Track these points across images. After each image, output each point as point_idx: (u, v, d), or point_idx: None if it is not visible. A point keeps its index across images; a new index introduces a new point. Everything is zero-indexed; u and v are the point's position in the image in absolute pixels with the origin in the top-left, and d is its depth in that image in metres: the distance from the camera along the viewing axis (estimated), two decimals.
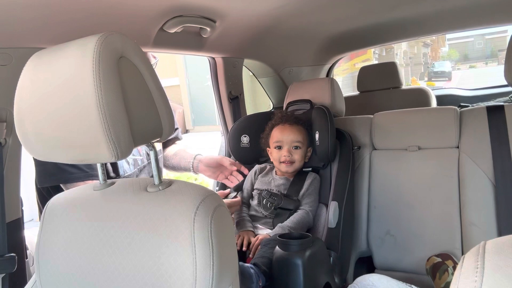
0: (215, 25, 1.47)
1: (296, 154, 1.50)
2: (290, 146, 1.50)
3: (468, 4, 1.87)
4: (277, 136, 1.52)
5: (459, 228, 1.55)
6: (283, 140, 1.50)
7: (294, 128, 1.51)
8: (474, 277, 0.38)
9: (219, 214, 0.68)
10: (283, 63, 2.34)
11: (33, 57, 0.71)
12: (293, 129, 1.51)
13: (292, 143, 1.50)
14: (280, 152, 1.50)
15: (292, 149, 1.50)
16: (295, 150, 1.50)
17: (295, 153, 1.50)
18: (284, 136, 1.50)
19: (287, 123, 1.53)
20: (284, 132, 1.51)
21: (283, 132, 1.51)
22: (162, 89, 0.74)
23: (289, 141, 1.50)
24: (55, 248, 0.78)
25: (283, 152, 1.49)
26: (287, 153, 1.49)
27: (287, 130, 1.51)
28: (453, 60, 33.10)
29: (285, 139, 1.50)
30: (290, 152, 1.49)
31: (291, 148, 1.50)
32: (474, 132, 1.58)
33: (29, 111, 0.69)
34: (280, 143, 1.50)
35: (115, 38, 0.66)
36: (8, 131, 1.07)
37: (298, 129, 1.52)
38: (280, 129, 1.53)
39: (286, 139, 1.50)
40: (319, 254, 1.23)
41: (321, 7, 1.67)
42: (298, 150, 1.50)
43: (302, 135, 1.52)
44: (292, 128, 1.51)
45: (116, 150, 0.63)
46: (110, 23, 1.15)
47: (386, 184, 1.71)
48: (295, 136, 1.50)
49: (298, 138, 1.50)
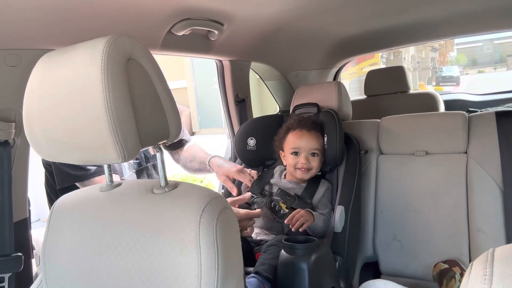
0: (222, 28, 1.47)
1: (314, 161, 1.46)
2: (308, 153, 1.46)
3: (478, 8, 1.86)
4: (294, 142, 1.47)
5: (466, 235, 1.53)
6: (301, 147, 1.46)
7: (312, 135, 1.47)
8: (482, 285, 0.38)
9: (225, 217, 0.68)
10: (290, 66, 2.34)
11: (43, 58, 0.72)
12: (311, 136, 1.47)
13: (310, 150, 1.46)
14: (297, 158, 1.46)
15: (310, 156, 1.46)
16: (312, 157, 1.46)
17: (313, 160, 1.46)
18: (302, 143, 1.46)
19: (304, 129, 1.48)
20: (302, 138, 1.47)
21: (301, 138, 1.47)
22: (169, 91, 0.74)
23: (307, 148, 1.45)
24: (61, 248, 0.78)
25: (300, 159, 1.45)
26: (305, 160, 1.45)
27: (305, 136, 1.47)
28: (462, 65, 32.88)
29: (303, 146, 1.45)
30: (308, 159, 1.45)
31: (309, 155, 1.46)
32: (482, 138, 1.57)
33: (38, 112, 0.70)
34: (297, 149, 1.46)
35: (124, 40, 0.67)
36: (16, 132, 1.08)
37: (316, 136, 1.48)
38: (298, 134, 1.48)
39: (304, 146, 1.45)
40: (325, 258, 1.22)
41: (329, 11, 1.67)
42: (316, 157, 1.46)
43: (320, 142, 1.48)
44: (311, 135, 1.47)
45: (123, 151, 0.64)
46: (119, 26, 1.16)
47: (393, 189, 1.70)
48: (314, 143, 1.46)
49: (316, 145, 1.46)
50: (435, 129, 1.67)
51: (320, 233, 1.40)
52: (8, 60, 0.98)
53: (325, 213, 1.45)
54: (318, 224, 1.38)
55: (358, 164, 1.58)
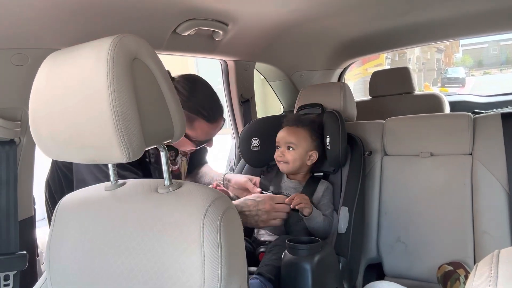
0: (227, 28, 1.47)
1: (289, 154, 1.50)
2: (284, 147, 1.51)
3: (484, 9, 1.85)
4: (277, 136, 1.55)
5: (471, 236, 1.52)
6: (279, 141, 1.53)
7: (291, 130, 1.53)
8: (487, 287, 0.37)
9: (229, 217, 0.68)
10: (295, 67, 2.34)
11: (49, 58, 0.72)
12: (289, 130, 1.53)
13: (285, 144, 1.51)
14: (277, 151, 1.54)
15: (286, 149, 1.51)
16: (288, 150, 1.50)
17: (288, 153, 1.50)
18: (280, 137, 1.53)
19: (288, 125, 1.55)
20: (282, 132, 1.54)
21: (281, 133, 1.54)
22: (174, 91, 0.74)
23: (283, 141, 1.52)
24: (65, 247, 0.79)
25: (278, 151, 1.53)
26: (280, 153, 1.51)
27: (284, 131, 1.54)
28: (467, 66, 32.70)
29: (280, 140, 1.53)
30: (283, 152, 1.51)
31: (285, 148, 1.51)
32: (488, 139, 1.56)
33: (44, 111, 0.70)
34: (278, 144, 1.54)
35: (129, 40, 0.67)
36: (22, 130, 1.09)
37: (295, 131, 1.52)
38: (281, 130, 1.56)
39: (281, 140, 1.52)
40: (328, 259, 1.22)
41: (334, 12, 1.66)
42: (291, 151, 1.50)
43: (296, 136, 1.51)
44: (289, 130, 1.53)
45: (128, 151, 0.64)
46: (124, 26, 1.16)
47: (397, 190, 1.69)
48: (289, 137, 1.51)
49: (291, 139, 1.50)
50: (440, 130, 1.66)
51: (321, 232, 1.40)
52: (15, 60, 0.99)
53: (327, 213, 1.45)
54: (318, 219, 1.38)
55: (362, 165, 1.58)
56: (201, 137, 1.30)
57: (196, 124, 1.27)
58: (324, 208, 1.46)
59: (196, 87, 1.28)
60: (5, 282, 1.06)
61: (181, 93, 1.22)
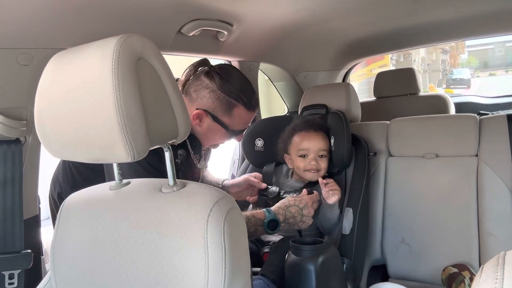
0: (232, 28, 1.47)
1: (323, 162, 1.44)
2: (316, 155, 1.44)
3: (489, 10, 1.84)
4: (302, 143, 1.45)
5: (476, 238, 1.51)
6: (309, 148, 1.43)
7: (320, 136, 1.45)
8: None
9: (233, 217, 0.68)
10: (299, 67, 2.33)
11: (54, 57, 0.73)
12: (319, 137, 1.45)
13: (318, 152, 1.44)
14: (305, 160, 1.44)
15: (318, 157, 1.44)
16: (321, 158, 1.44)
17: (322, 161, 1.44)
18: (310, 144, 1.44)
19: (311, 129, 1.47)
20: (310, 139, 1.44)
21: (310, 140, 1.44)
22: (178, 91, 0.74)
23: (315, 149, 1.43)
24: (69, 246, 0.79)
25: (309, 160, 1.43)
26: (314, 161, 1.43)
27: (313, 137, 1.44)
28: (473, 68, 32.50)
29: (311, 147, 1.43)
30: (317, 160, 1.43)
31: (317, 156, 1.44)
32: (494, 141, 1.55)
33: (49, 111, 0.70)
34: (306, 152, 1.44)
35: (134, 40, 0.67)
36: (28, 130, 1.09)
37: (323, 137, 1.46)
38: (305, 136, 1.46)
39: (312, 147, 1.43)
40: (332, 260, 1.21)
41: (340, 13, 1.66)
42: (324, 158, 1.45)
43: (327, 143, 1.46)
44: (318, 135, 1.45)
45: (132, 151, 0.64)
46: (129, 26, 1.17)
47: (402, 192, 1.69)
48: (322, 144, 1.44)
49: (324, 146, 1.45)
50: (446, 131, 1.65)
51: (329, 227, 1.39)
52: (21, 59, 1.00)
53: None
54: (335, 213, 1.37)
55: (367, 166, 1.57)
56: (237, 125, 1.25)
57: (235, 110, 1.22)
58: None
59: (236, 74, 1.25)
60: (10, 280, 1.07)
61: (222, 78, 1.19)
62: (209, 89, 1.19)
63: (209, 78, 1.20)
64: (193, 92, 1.21)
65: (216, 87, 1.19)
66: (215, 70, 1.21)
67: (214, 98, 1.19)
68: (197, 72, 1.23)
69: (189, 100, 1.21)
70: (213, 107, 1.20)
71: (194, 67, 1.24)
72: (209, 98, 1.19)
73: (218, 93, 1.19)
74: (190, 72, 1.23)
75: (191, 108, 1.20)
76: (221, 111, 1.21)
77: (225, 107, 1.20)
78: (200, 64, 1.24)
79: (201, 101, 1.20)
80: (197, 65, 1.24)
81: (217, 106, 1.20)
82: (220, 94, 1.19)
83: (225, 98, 1.19)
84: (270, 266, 1.18)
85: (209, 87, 1.19)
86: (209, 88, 1.19)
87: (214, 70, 1.21)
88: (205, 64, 1.24)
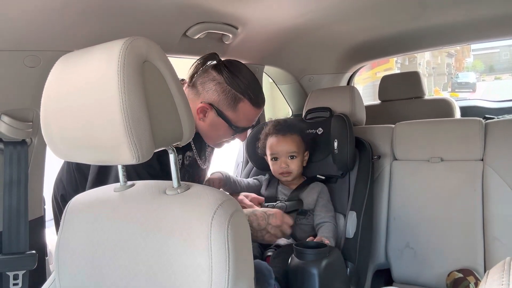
0: (237, 31, 1.48)
1: (293, 163, 1.48)
2: (286, 157, 1.48)
3: (495, 14, 1.83)
4: (271, 147, 1.51)
5: (482, 243, 1.50)
6: (278, 152, 1.49)
7: (287, 139, 1.49)
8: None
9: (236, 219, 0.68)
10: (304, 70, 2.33)
11: (61, 60, 0.73)
12: (286, 140, 1.49)
13: (287, 154, 1.48)
14: (276, 163, 1.50)
15: (289, 159, 1.48)
16: (291, 160, 1.48)
17: (291, 163, 1.48)
18: (278, 148, 1.49)
19: (280, 134, 1.51)
20: (278, 143, 1.49)
21: (277, 143, 1.49)
22: (183, 94, 0.74)
23: (284, 152, 1.48)
24: (74, 247, 0.79)
25: (279, 163, 1.49)
26: (284, 164, 1.48)
27: (280, 141, 1.49)
28: (478, 71, 32.34)
29: (279, 150, 1.49)
30: (287, 163, 1.48)
31: (287, 158, 1.48)
32: (499, 145, 1.54)
33: (55, 112, 0.71)
34: (276, 155, 1.50)
35: (140, 42, 0.68)
36: (34, 131, 1.10)
37: (292, 139, 1.49)
38: (275, 140, 1.51)
39: (281, 151, 1.48)
40: (336, 264, 1.21)
41: (345, 17, 1.66)
42: (294, 159, 1.48)
43: (296, 144, 1.49)
44: (286, 139, 1.49)
45: (137, 153, 0.64)
46: (135, 29, 1.17)
47: (406, 195, 1.68)
48: (289, 146, 1.48)
49: (293, 148, 1.48)
50: (451, 135, 1.64)
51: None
52: (27, 61, 1.01)
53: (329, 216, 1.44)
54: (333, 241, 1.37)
55: (371, 170, 1.57)
56: (241, 121, 1.23)
57: (241, 106, 1.20)
58: (325, 210, 1.45)
59: (245, 70, 1.23)
60: (14, 281, 1.07)
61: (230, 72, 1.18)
62: (216, 81, 1.17)
63: (217, 71, 1.18)
64: (199, 85, 1.19)
65: (223, 80, 1.17)
66: (223, 64, 1.20)
67: (220, 91, 1.17)
68: (206, 65, 1.21)
69: (195, 93, 1.20)
70: (218, 100, 1.18)
71: (203, 60, 1.22)
72: (215, 90, 1.17)
73: (224, 85, 1.17)
74: (198, 65, 1.22)
75: (196, 102, 1.18)
76: (226, 105, 1.18)
77: (231, 101, 1.18)
78: (209, 57, 1.22)
79: (207, 94, 1.18)
80: (206, 58, 1.22)
81: (222, 99, 1.18)
82: (226, 87, 1.17)
83: (231, 91, 1.17)
84: (275, 266, 1.18)
85: (216, 80, 1.17)
86: (216, 80, 1.17)
87: (222, 63, 1.20)
88: (214, 58, 1.22)
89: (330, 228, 1.39)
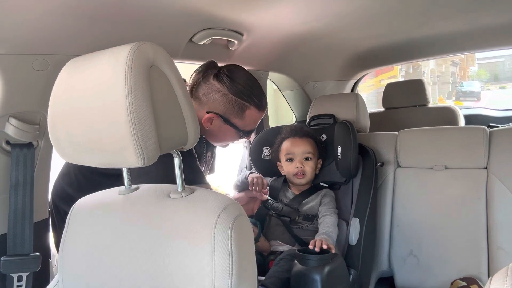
0: (242, 38, 1.49)
1: (308, 165, 1.50)
2: (301, 158, 1.51)
3: (500, 22, 1.83)
4: (288, 148, 1.53)
5: (485, 252, 1.49)
6: (294, 152, 1.51)
7: (304, 140, 1.53)
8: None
9: (240, 224, 0.69)
10: (308, 77, 2.34)
11: (68, 64, 0.74)
12: (303, 141, 1.53)
13: (303, 154, 1.51)
14: (291, 164, 1.51)
15: (304, 160, 1.50)
16: (306, 161, 1.51)
17: (307, 164, 1.50)
18: (295, 148, 1.52)
19: (297, 136, 1.55)
20: (294, 144, 1.53)
21: (294, 144, 1.53)
22: (189, 99, 0.75)
23: (300, 152, 1.51)
24: (77, 249, 0.80)
25: (295, 163, 1.51)
26: (299, 164, 1.50)
27: (297, 142, 1.53)
28: (483, 80, 32.23)
29: (296, 151, 1.51)
30: (302, 163, 1.50)
31: (303, 159, 1.50)
32: (504, 153, 1.53)
33: (62, 115, 0.72)
34: (292, 155, 1.52)
35: (147, 47, 0.69)
36: (40, 134, 1.11)
37: (308, 141, 1.53)
38: (291, 141, 1.55)
39: (297, 151, 1.51)
40: (338, 270, 1.21)
41: (350, 25, 1.67)
42: (309, 161, 1.51)
43: (312, 147, 1.53)
44: (303, 140, 1.53)
45: (143, 156, 0.65)
46: (142, 34, 1.19)
47: (410, 203, 1.67)
48: (306, 147, 1.51)
49: (309, 149, 1.51)
50: (455, 143, 1.64)
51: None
52: (36, 65, 1.02)
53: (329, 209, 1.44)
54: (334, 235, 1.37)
55: (374, 177, 1.57)
56: (248, 126, 1.27)
57: (247, 113, 1.23)
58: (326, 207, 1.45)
59: (245, 75, 1.25)
60: (18, 283, 1.07)
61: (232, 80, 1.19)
62: (220, 92, 1.19)
63: (218, 81, 1.20)
64: (202, 96, 1.21)
65: (227, 90, 1.19)
66: (224, 72, 1.21)
67: (225, 101, 1.19)
68: (206, 75, 1.22)
69: (198, 103, 1.21)
70: (225, 110, 1.20)
71: (202, 70, 1.23)
72: (221, 101, 1.19)
73: (229, 96, 1.19)
74: (198, 75, 1.23)
75: (200, 111, 1.20)
76: (234, 114, 1.21)
77: (237, 110, 1.21)
78: (208, 66, 1.24)
79: (212, 104, 1.20)
80: (205, 67, 1.24)
81: (229, 109, 1.20)
82: (231, 98, 1.19)
83: (237, 101, 1.20)
84: (271, 278, 1.18)
85: (220, 91, 1.19)
86: (220, 91, 1.19)
87: (223, 72, 1.21)
88: (213, 67, 1.24)
89: (330, 223, 1.38)
